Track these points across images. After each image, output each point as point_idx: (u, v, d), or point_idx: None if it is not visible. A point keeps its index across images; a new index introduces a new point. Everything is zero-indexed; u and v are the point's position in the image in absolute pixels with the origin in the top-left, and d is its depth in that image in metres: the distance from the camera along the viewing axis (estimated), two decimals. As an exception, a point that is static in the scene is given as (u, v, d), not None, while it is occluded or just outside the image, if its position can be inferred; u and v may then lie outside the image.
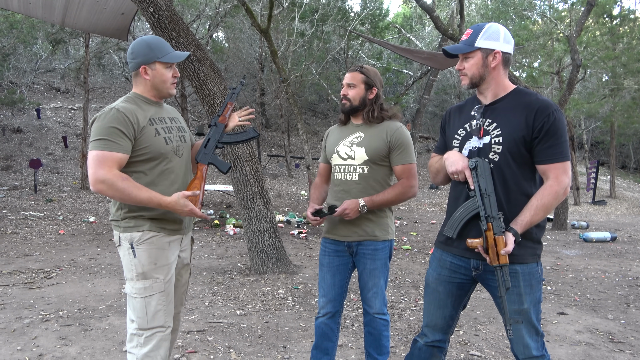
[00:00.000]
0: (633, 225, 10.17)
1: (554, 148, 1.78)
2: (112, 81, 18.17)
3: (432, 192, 14.26)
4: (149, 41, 2.02)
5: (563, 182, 1.79)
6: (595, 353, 3.23)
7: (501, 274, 1.74)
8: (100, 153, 1.87)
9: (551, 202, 1.78)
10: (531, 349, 1.84)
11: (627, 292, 4.81)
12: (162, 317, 2.01)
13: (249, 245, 5.10)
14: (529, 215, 1.77)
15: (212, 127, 2.23)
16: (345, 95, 2.39)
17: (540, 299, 1.89)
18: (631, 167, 22.57)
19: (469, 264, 1.92)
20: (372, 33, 16.01)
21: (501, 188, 1.83)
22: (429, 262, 2.06)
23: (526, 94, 1.87)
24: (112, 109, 1.92)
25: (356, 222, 2.34)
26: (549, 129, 1.77)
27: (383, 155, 2.35)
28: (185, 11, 14.16)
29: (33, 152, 12.89)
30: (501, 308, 1.87)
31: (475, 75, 1.88)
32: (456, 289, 1.97)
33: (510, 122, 1.82)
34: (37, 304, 3.96)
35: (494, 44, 1.85)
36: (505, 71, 1.90)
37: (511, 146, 1.81)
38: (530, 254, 1.85)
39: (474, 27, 1.90)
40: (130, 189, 1.87)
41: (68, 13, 6.32)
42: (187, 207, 1.95)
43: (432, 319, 2.04)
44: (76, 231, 7.50)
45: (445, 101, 21.94)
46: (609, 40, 15.07)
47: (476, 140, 1.89)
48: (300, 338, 3.34)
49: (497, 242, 1.74)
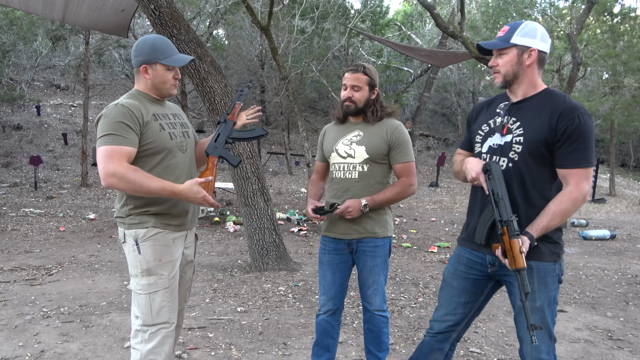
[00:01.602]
0: (632, 223, 10.18)
1: (577, 153, 1.73)
2: (112, 78, 18.13)
3: (432, 189, 14.27)
4: (154, 41, 2.03)
5: (583, 189, 1.74)
6: (594, 350, 3.24)
7: (520, 278, 1.70)
8: (109, 148, 1.87)
9: (569, 208, 1.74)
10: (541, 352, 1.81)
11: (626, 290, 4.82)
12: (166, 314, 2.02)
13: (249, 243, 5.11)
14: (545, 221, 1.74)
15: (222, 123, 2.24)
16: (350, 98, 2.36)
17: (556, 300, 1.86)
18: (631, 165, 22.56)
19: (485, 260, 1.90)
20: (372, 30, 15.98)
21: (518, 188, 1.80)
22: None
23: (555, 95, 1.82)
24: (117, 105, 1.93)
25: (356, 220, 2.35)
26: (573, 133, 1.72)
27: (383, 153, 2.35)
28: (186, 8, 14.13)
29: (33, 149, 12.88)
30: (515, 306, 1.86)
31: (509, 72, 1.84)
32: (471, 286, 1.96)
33: (534, 123, 1.79)
34: (38, 300, 3.97)
35: (530, 42, 1.81)
36: (540, 71, 1.86)
37: (531, 147, 1.77)
38: (547, 253, 1.82)
39: (511, 24, 1.86)
40: (141, 179, 1.87)
41: (68, 10, 6.30)
42: (200, 194, 1.93)
43: (441, 314, 2.02)
44: (76, 228, 7.51)
45: (445, 99, 21.90)
46: (609, 38, 15.05)
47: (498, 137, 1.87)
48: (300, 335, 3.36)
49: (512, 246, 1.70)
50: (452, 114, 22.08)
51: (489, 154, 1.89)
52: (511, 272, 1.83)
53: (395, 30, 19.18)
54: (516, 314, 1.88)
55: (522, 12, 14.71)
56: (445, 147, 19.59)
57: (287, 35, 12.38)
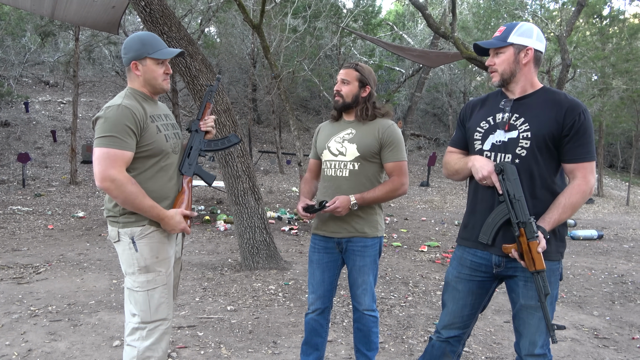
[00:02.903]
0: (619, 223, 10.31)
1: (583, 147, 1.78)
2: (102, 75, 17.97)
3: (423, 189, 14.34)
4: (142, 37, 2.04)
5: (590, 181, 1.80)
6: (581, 349, 3.29)
7: (540, 279, 1.71)
8: (112, 151, 1.88)
9: (579, 200, 1.79)
10: (536, 347, 1.84)
11: (612, 289, 4.89)
12: (165, 310, 2.04)
13: (239, 241, 5.10)
14: (557, 214, 1.77)
15: (193, 133, 2.20)
16: (338, 91, 2.40)
17: (557, 297, 1.90)
18: (619, 166, 22.85)
19: (491, 261, 1.90)
20: (364, 30, 16.00)
21: (527, 183, 1.82)
22: (449, 262, 2.05)
23: (555, 92, 1.87)
24: (120, 106, 1.92)
25: (345, 219, 2.35)
26: (579, 129, 1.77)
27: (374, 152, 2.35)
28: (177, 5, 14.04)
29: (21, 146, 12.73)
30: (516, 304, 1.88)
31: (506, 70, 1.87)
32: (477, 288, 1.96)
33: (539, 118, 1.81)
34: (25, 299, 3.93)
35: (527, 41, 1.84)
36: (536, 70, 1.89)
37: (539, 141, 1.80)
38: (555, 251, 1.84)
39: (507, 25, 1.90)
40: (137, 194, 1.90)
41: (58, 5, 6.23)
42: (181, 225, 2.02)
43: (450, 318, 2.01)
44: (65, 226, 7.44)
45: (436, 99, 22.01)
46: (598, 40, 15.23)
47: (501, 134, 1.87)
48: (290, 333, 3.36)
49: (531, 247, 1.71)
50: (443, 114, 22.20)
51: (493, 151, 1.89)
52: (517, 272, 1.85)
53: (387, 30, 19.23)
54: (517, 311, 1.89)
55: (513, 14, 14.82)
56: (436, 147, 19.69)
57: (279, 33, 12.36)
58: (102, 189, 1.90)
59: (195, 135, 2.20)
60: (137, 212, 1.95)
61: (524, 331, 1.87)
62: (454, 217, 10.02)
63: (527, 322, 1.86)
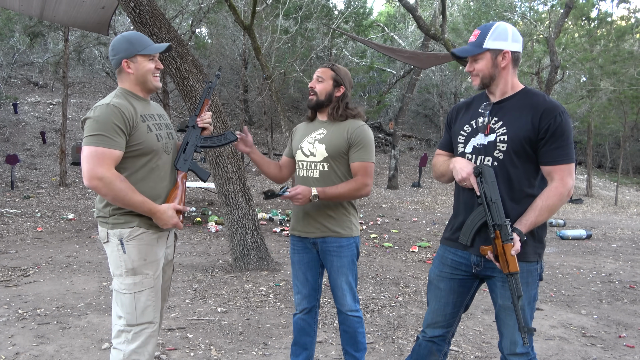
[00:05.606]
0: (608, 223, 10.43)
1: (560, 150, 1.79)
2: (92, 76, 17.84)
3: (414, 190, 14.40)
4: (129, 36, 2.04)
5: (568, 183, 1.80)
6: (568, 347, 3.32)
7: (513, 281, 1.73)
8: (100, 150, 1.87)
9: (555, 203, 1.79)
10: (517, 346, 1.86)
11: (600, 288, 4.95)
12: (151, 313, 2.02)
13: (230, 243, 5.09)
14: (533, 216, 1.78)
15: (190, 128, 2.20)
16: (312, 88, 2.41)
17: (536, 297, 1.93)
18: (607, 166, 23.10)
19: (470, 261, 1.93)
20: (355, 31, 16.05)
21: (505, 186, 1.83)
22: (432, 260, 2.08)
23: (534, 94, 1.87)
24: (109, 105, 1.92)
25: (316, 218, 2.36)
26: (555, 131, 1.77)
27: (342, 152, 2.34)
28: (168, 6, 13.98)
29: (10, 147, 12.60)
30: (496, 304, 1.90)
31: (485, 75, 1.88)
32: (458, 286, 1.98)
33: (516, 122, 1.83)
34: (13, 302, 3.89)
35: (502, 44, 1.85)
36: (515, 70, 1.91)
37: (516, 145, 1.81)
38: (532, 253, 1.86)
39: (482, 27, 1.90)
40: (126, 190, 1.88)
41: (47, 6, 6.18)
42: (173, 220, 2.01)
43: (433, 316, 2.04)
44: (54, 228, 7.38)
45: (427, 100, 22.12)
46: (586, 42, 15.39)
47: (482, 137, 1.89)
48: (281, 335, 3.36)
49: (506, 250, 1.73)
50: (434, 115, 22.31)
51: (474, 154, 1.91)
52: (495, 272, 1.88)
53: (378, 32, 19.30)
54: (497, 311, 1.93)
55: (502, 16, 14.95)
56: (428, 148, 19.78)
57: (271, 34, 12.36)
58: (90, 188, 1.89)
59: (192, 131, 2.19)
60: (128, 208, 1.93)
61: (505, 331, 1.90)
62: (445, 218, 10.07)
63: (505, 323, 1.88)
